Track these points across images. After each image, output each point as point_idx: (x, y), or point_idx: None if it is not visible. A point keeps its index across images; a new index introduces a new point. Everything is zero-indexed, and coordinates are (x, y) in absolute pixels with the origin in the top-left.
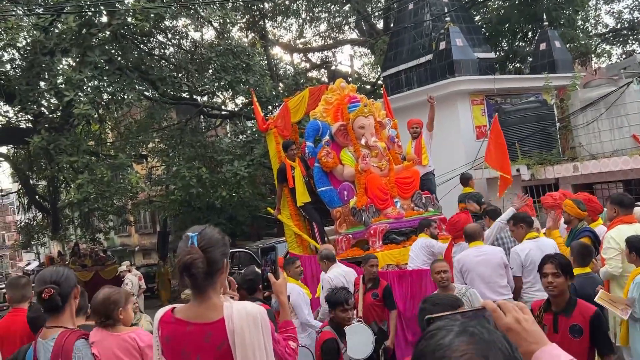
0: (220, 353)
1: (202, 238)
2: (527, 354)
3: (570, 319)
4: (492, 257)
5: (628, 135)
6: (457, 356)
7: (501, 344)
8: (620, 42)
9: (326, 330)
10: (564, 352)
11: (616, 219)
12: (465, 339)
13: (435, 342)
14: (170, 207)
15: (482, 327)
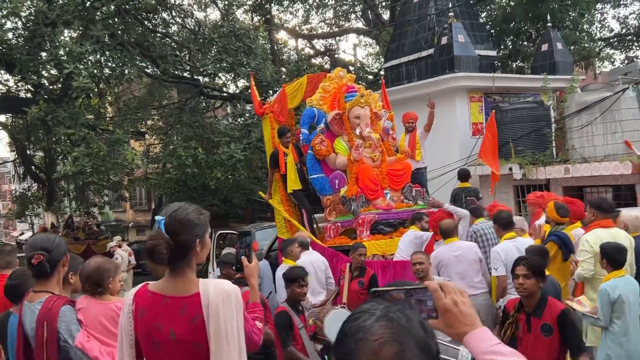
0: (193, 326)
1: (171, 221)
2: (460, 335)
3: (541, 319)
4: (467, 252)
5: (621, 141)
6: (374, 339)
7: (416, 331)
8: (624, 47)
9: (282, 305)
10: (493, 336)
11: (594, 223)
12: (384, 323)
13: (357, 324)
14: (166, 185)
15: (401, 313)
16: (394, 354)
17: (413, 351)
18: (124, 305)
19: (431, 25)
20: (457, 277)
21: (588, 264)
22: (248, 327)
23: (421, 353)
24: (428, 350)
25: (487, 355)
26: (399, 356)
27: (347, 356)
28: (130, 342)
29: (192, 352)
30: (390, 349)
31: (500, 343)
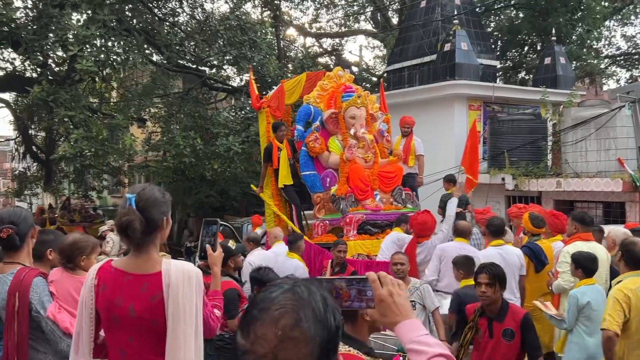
0: (153, 304)
1: (140, 199)
2: (392, 324)
3: (503, 324)
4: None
5: (614, 158)
6: (274, 309)
7: (316, 304)
8: (630, 66)
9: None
10: (423, 328)
11: (575, 236)
12: (288, 295)
13: (265, 294)
14: (164, 173)
15: (306, 288)
16: (291, 323)
17: (309, 322)
18: (86, 279)
19: (436, 31)
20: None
21: (569, 275)
22: (206, 312)
23: (317, 324)
24: (325, 323)
25: (413, 344)
26: (295, 325)
27: (250, 323)
28: (90, 315)
29: (151, 329)
30: (287, 319)
31: (427, 334)
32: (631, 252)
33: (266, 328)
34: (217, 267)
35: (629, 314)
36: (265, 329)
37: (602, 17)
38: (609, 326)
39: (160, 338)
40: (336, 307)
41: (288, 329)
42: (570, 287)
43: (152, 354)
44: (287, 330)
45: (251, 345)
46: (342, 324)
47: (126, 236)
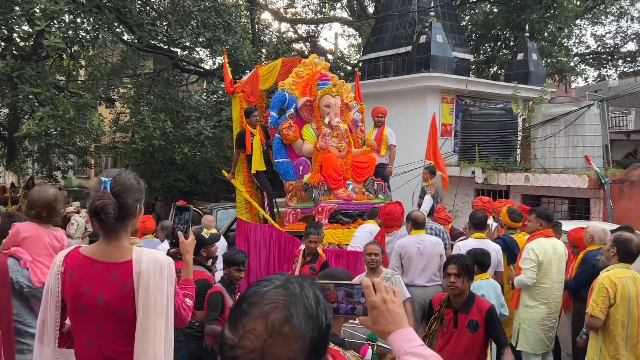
0: (123, 293)
1: (116, 183)
2: (385, 333)
3: (468, 315)
4: (430, 246)
5: (581, 155)
6: (265, 303)
7: (308, 301)
8: (598, 64)
9: (216, 285)
10: (417, 337)
11: (538, 232)
12: (279, 291)
13: (257, 289)
14: (132, 155)
15: (298, 284)
16: (281, 319)
17: (300, 318)
18: (52, 266)
19: (412, 22)
20: (416, 267)
21: (532, 272)
22: (177, 301)
23: (308, 321)
24: (316, 320)
25: (408, 356)
26: (285, 321)
27: (239, 317)
28: (56, 303)
29: (120, 319)
30: (278, 314)
31: (423, 345)
32: (626, 248)
33: (256, 322)
34: (189, 255)
35: (615, 300)
36: (255, 324)
37: (574, 15)
38: (592, 311)
39: (129, 328)
40: (328, 304)
41: (278, 324)
42: (532, 283)
43: (121, 344)
44: (277, 325)
45: (239, 339)
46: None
47: (98, 221)
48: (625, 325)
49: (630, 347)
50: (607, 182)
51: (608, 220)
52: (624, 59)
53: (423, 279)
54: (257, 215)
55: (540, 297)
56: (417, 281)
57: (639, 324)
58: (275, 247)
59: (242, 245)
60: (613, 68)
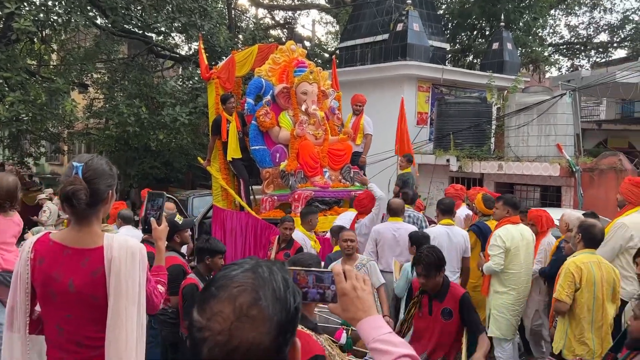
0: (94, 279)
1: (88, 169)
2: (354, 319)
3: (442, 303)
4: (406, 234)
5: (553, 144)
6: (233, 286)
7: (276, 284)
8: (571, 55)
9: (190, 277)
10: (386, 325)
11: (505, 219)
12: (248, 274)
13: (225, 272)
14: (106, 142)
15: (267, 268)
16: (249, 301)
17: (268, 301)
18: (21, 252)
19: (389, 10)
20: (391, 253)
21: (499, 258)
22: (149, 288)
23: (276, 303)
24: (284, 303)
25: (377, 343)
26: (253, 304)
27: (207, 300)
28: (25, 290)
29: (91, 305)
30: (246, 297)
31: (391, 332)
32: (590, 233)
33: (223, 305)
34: (161, 241)
35: (580, 284)
36: (222, 306)
37: (548, 5)
38: (559, 296)
39: (100, 314)
40: (297, 288)
41: (246, 307)
42: (499, 269)
43: (92, 330)
44: (244, 308)
45: (207, 321)
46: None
47: (70, 206)
48: (590, 308)
49: (595, 329)
50: (578, 171)
51: (579, 208)
52: (596, 49)
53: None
54: (234, 203)
55: (509, 283)
56: (392, 267)
57: (603, 307)
58: (252, 234)
59: (219, 233)
60: (586, 58)
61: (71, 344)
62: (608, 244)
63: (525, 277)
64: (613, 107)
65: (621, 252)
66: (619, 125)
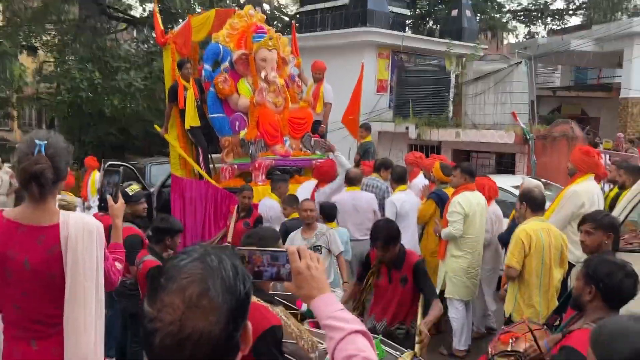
0: (50, 256)
1: (50, 146)
2: (308, 297)
3: (400, 272)
4: (364, 202)
5: (509, 112)
6: (182, 277)
7: (225, 272)
8: (529, 21)
9: (148, 259)
10: (338, 302)
11: (462, 186)
12: (196, 264)
13: (175, 262)
14: (58, 107)
15: (216, 256)
16: (198, 292)
17: (217, 291)
18: None
19: None
20: (352, 222)
21: (459, 224)
22: (107, 265)
23: (225, 292)
24: (233, 291)
25: (330, 320)
26: (203, 294)
27: (157, 291)
28: None
29: (48, 283)
30: (195, 288)
31: (343, 309)
32: (532, 199)
33: (173, 296)
34: (118, 219)
35: (529, 251)
36: (172, 297)
37: None
38: (509, 262)
39: (57, 292)
40: (247, 273)
41: (195, 297)
42: (459, 234)
43: (50, 308)
44: (194, 298)
45: (158, 312)
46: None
47: (37, 185)
48: (538, 274)
49: (543, 293)
50: (531, 138)
51: (532, 174)
52: (552, 16)
53: (359, 234)
54: (193, 171)
55: (466, 247)
56: (354, 235)
57: (550, 272)
58: (212, 203)
59: (178, 202)
60: (542, 25)
61: (29, 322)
62: (561, 212)
63: (480, 241)
64: (567, 74)
65: (573, 219)
66: (572, 92)
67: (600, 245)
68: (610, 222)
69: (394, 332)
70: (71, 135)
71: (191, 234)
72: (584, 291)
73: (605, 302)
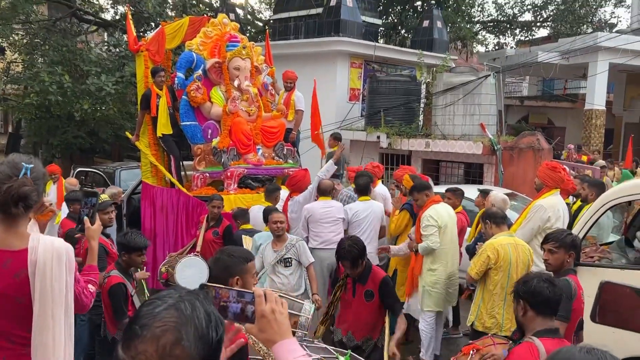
0: (17, 281)
1: (33, 171)
2: (269, 341)
3: (365, 286)
4: (334, 211)
5: (477, 123)
6: (157, 326)
7: (199, 321)
8: (498, 32)
9: (113, 275)
10: (300, 348)
11: (429, 201)
12: (171, 312)
13: (149, 309)
14: (26, 109)
15: (190, 304)
16: (172, 341)
17: (190, 340)
18: None
19: None
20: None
21: (435, 236)
22: (78, 288)
23: (199, 341)
24: (206, 339)
25: None
26: (176, 343)
27: (132, 339)
28: None
29: (15, 305)
30: (169, 337)
31: (305, 355)
32: (492, 215)
33: (147, 345)
34: (94, 241)
35: (494, 264)
36: (146, 346)
37: None
38: (470, 271)
39: (26, 313)
40: (220, 320)
41: (169, 346)
42: (437, 247)
43: (20, 329)
44: (167, 348)
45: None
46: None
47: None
48: (504, 286)
49: (507, 306)
50: (499, 149)
51: (499, 185)
52: (521, 28)
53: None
54: (164, 179)
55: (440, 259)
56: (329, 245)
57: None
58: (183, 211)
59: (148, 210)
60: (511, 36)
61: (2, 341)
62: (527, 226)
63: (454, 251)
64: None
65: (539, 232)
66: (539, 101)
67: (563, 264)
68: (572, 241)
69: (361, 347)
70: (39, 137)
71: (162, 242)
72: (517, 310)
73: (535, 311)
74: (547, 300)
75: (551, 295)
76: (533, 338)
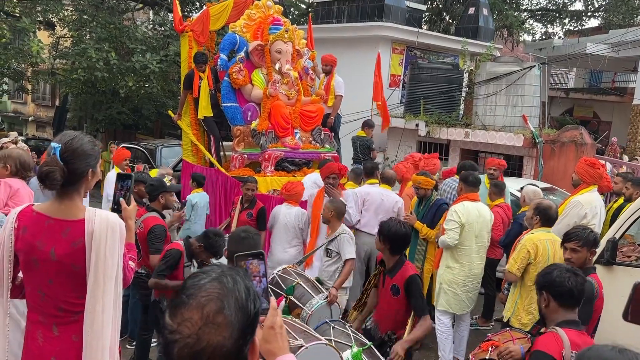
0: (74, 249)
1: (66, 149)
2: (270, 353)
3: (392, 280)
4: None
5: (519, 115)
6: (201, 296)
7: (239, 294)
8: (546, 21)
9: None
10: None
11: (463, 195)
12: (214, 284)
13: (195, 281)
14: (73, 84)
15: (231, 277)
16: (215, 310)
17: (232, 310)
18: (6, 222)
19: None
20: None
21: (455, 232)
22: (124, 263)
23: (238, 312)
24: (245, 310)
25: None
26: (219, 312)
27: (178, 306)
28: (9, 258)
29: (72, 273)
30: (212, 306)
31: None
32: (547, 215)
33: (192, 312)
34: (131, 220)
35: (534, 259)
36: (192, 313)
37: None
38: (510, 268)
39: (80, 281)
40: (257, 294)
41: (212, 314)
42: (454, 244)
43: (72, 297)
44: (211, 315)
45: (178, 326)
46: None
47: (46, 185)
48: None
49: None
50: (540, 142)
51: (538, 178)
52: (570, 17)
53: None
54: (203, 158)
55: (461, 259)
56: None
57: None
58: (222, 191)
59: (188, 187)
60: (560, 25)
61: (52, 308)
62: (563, 221)
63: (477, 254)
64: (582, 76)
65: None
66: (585, 94)
67: (585, 262)
68: (594, 239)
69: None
70: (84, 112)
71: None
72: (540, 301)
73: (558, 303)
74: (570, 291)
75: (573, 286)
76: (556, 328)
